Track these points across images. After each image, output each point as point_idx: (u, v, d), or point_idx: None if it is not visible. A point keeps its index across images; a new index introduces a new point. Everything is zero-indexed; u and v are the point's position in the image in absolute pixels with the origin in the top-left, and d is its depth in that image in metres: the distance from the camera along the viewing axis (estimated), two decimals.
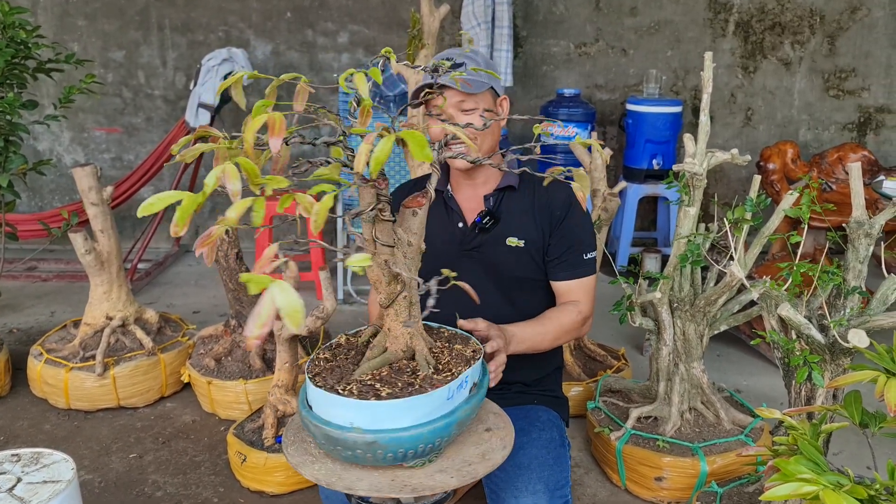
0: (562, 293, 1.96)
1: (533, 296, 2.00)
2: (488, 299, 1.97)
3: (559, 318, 1.90)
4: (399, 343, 1.50)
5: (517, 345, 1.78)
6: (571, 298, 1.94)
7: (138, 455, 2.67)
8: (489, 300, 1.98)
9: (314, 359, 1.52)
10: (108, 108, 4.98)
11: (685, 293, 2.39)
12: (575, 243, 1.94)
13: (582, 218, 1.98)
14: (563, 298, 1.96)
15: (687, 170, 2.28)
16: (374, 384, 1.37)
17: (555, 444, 1.90)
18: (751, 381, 3.22)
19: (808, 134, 4.87)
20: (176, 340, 3.13)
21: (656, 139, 4.45)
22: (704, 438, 2.41)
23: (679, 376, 2.44)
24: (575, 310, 1.92)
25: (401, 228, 1.45)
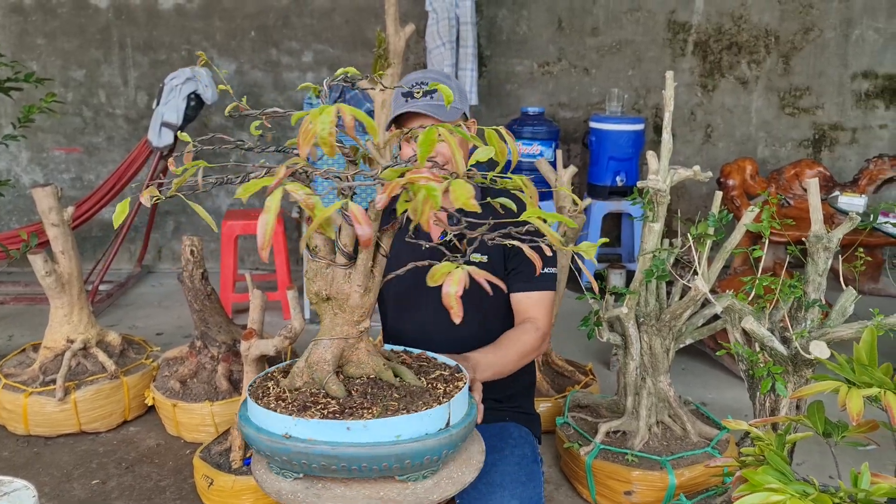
0: (519, 308, 1.97)
1: (498, 312, 2.01)
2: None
3: (519, 338, 1.91)
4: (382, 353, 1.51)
5: (482, 372, 1.78)
6: (529, 315, 1.96)
7: (101, 481, 2.61)
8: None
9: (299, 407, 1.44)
10: (68, 127, 4.90)
11: (651, 308, 2.43)
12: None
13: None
14: (521, 315, 1.97)
15: (651, 186, 2.32)
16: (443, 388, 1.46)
17: (528, 461, 1.91)
18: (715, 394, 3.27)
19: (766, 150, 4.99)
20: (140, 363, 3.07)
21: (619, 156, 4.52)
22: (672, 451, 2.43)
23: (646, 390, 2.47)
24: (532, 328, 1.93)
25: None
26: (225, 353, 2.94)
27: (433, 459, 1.36)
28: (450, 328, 1.88)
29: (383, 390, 1.42)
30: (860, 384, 1.35)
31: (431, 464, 1.38)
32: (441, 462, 1.41)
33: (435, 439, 1.34)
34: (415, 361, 1.60)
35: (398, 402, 1.38)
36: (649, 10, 4.80)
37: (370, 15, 4.75)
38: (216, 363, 2.92)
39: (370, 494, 1.35)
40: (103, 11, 4.77)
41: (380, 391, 1.42)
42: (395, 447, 1.30)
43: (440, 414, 1.37)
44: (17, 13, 4.76)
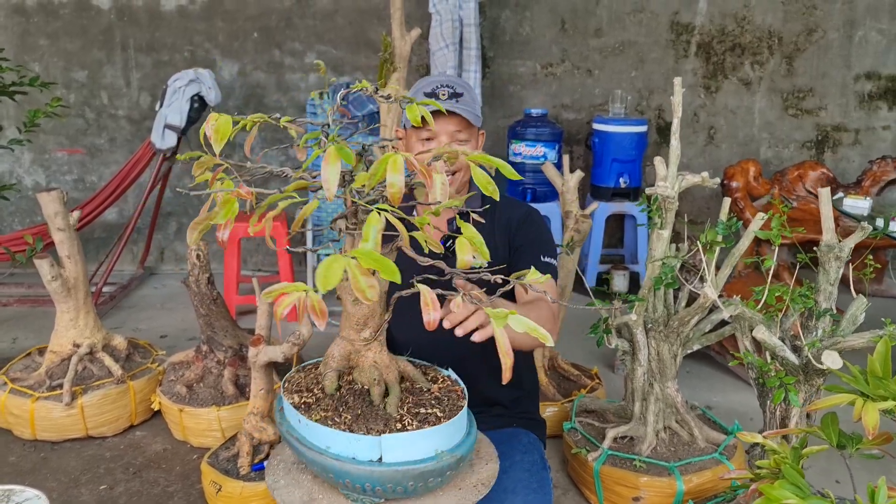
0: (522, 294, 1.96)
1: None
2: None
3: (535, 305, 1.82)
4: (392, 370, 1.50)
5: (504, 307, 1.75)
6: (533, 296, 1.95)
7: (108, 487, 2.61)
8: None
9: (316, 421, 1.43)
10: (71, 128, 4.89)
11: (659, 314, 2.43)
12: (531, 248, 1.98)
13: (539, 225, 2.04)
14: (524, 296, 1.94)
15: (659, 193, 2.32)
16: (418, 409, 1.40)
17: (538, 468, 1.91)
18: (721, 398, 3.28)
19: (769, 152, 4.99)
20: (146, 367, 3.07)
21: (622, 158, 4.52)
22: (680, 457, 2.44)
23: (654, 396, 2.47)
24: (544, 303, 1.83)
25: None
26: (231, 357, 2.93)
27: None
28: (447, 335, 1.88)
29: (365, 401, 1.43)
30: (875, 397, 1.35)
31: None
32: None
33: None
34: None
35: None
36: (652, 11, 4.80)
37: (373, 17, 4.75)
38: (222, 368, 2.92)
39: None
40: (105, 13, 4.76)
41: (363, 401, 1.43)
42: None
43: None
44: (19, 14, 4.75)
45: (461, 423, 1.38)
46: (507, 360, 1.06)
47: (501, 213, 2.01)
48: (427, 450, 1.32)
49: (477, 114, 1.93)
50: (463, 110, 1.88)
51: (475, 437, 1.42)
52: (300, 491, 1.48)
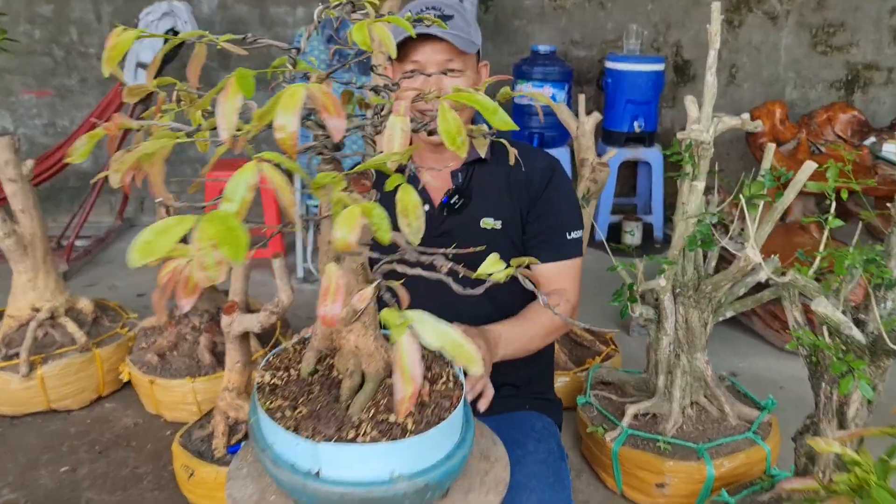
0: (543, 280, 1.68)
1: (515, 287, 1.72)
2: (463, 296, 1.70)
3: (540, 313, 1.63)
4: (377, 360, 1.21)
5: (504, 348, 1.50)
6: (555, 286, 1.67)
7: (71, 468, 2.35)
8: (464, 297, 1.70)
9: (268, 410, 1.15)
10: (37, 68, 4.50)
11: (688, 277, 2.12)
12: (557, 220, 1.67)
13: (565, 190, 1.71)
14: (546, 286, 1.68)
15: (693, 138, 1.99)
16: (388, 417, 1.08)
17: (554, 458, 1.64)
18: (746, 363, 3.00)
19: (795, 92, 4.62)
20: (115, 332, 2.78)
21: (637, 99, 4.16)
22: (709, 437, 2.16)
23: (680, 369, 2.19)
24: (561, 300, 1.65)
25: None
26: (208, 322, 2.65)
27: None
28: (454, 309, 1.61)
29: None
30: None
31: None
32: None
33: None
34: None
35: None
36: None
37: None
38: (198, 334, 2.63)
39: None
40: None
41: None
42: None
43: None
44: None
45: (434, 443, 1.07)
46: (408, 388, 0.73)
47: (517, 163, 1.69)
48: (379, 470, 1.02)
49: (472, 39, 1.57)
50: (451, 35, 1.52)
51: (460, 462, 1.11)
52: (254, 487, 1.20)
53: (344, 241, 0.75)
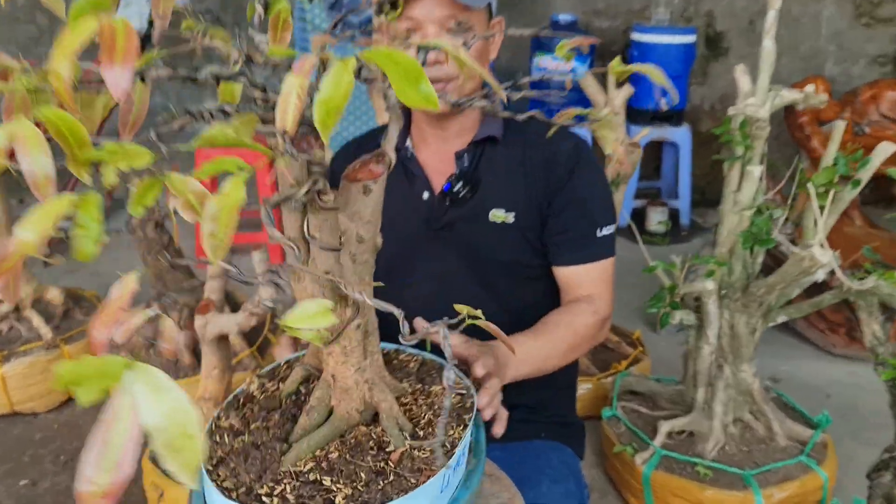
0: (568, 284, 1.39)
1: (529, 291, 1.43)
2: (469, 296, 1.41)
3: (570, 323, 1.33)
4: (352, 399, 0.93)
5: (517, 368, 1.21)
6: (583, 292, 1.37)
7: (31, 482, 2.09)
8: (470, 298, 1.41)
9: (213, 429, 0.94)
10: (21, 36, 4.21)
11: (735, 277, 1.83)
12: (585, 213, 1.37)
13: (595, 177, 1.42)
14: (572, 292, 1.39)
15: (749, 114, 1.68)
16: (321, 478, 0.83)
17: (573, 501, 1.36)
18: (790, 367, 2.70)
19: (836, 68, 4.27)
20: (87, 327, 2.51)
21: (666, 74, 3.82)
22: (756, 462, 1.88)
23: (723, 381, 1.90)
24: (589, 309, 1.35)
25: (344, 215, 0.86)
26: (188, 318, 2.37)
27: None
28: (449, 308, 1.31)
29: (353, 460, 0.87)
30: None
31: None
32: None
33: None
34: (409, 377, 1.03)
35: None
36: None
37: None
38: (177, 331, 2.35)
39: None
40: None
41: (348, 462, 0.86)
42: None
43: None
44: None
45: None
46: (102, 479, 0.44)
47: (535, 142, 1.39)
48: None
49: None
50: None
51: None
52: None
53: (24, 244, 0.52)
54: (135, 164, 0.62)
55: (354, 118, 3.46)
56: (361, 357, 0.91)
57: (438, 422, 0.89)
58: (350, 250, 0.85)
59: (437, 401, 0.93)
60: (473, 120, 1.40)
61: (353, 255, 0.86)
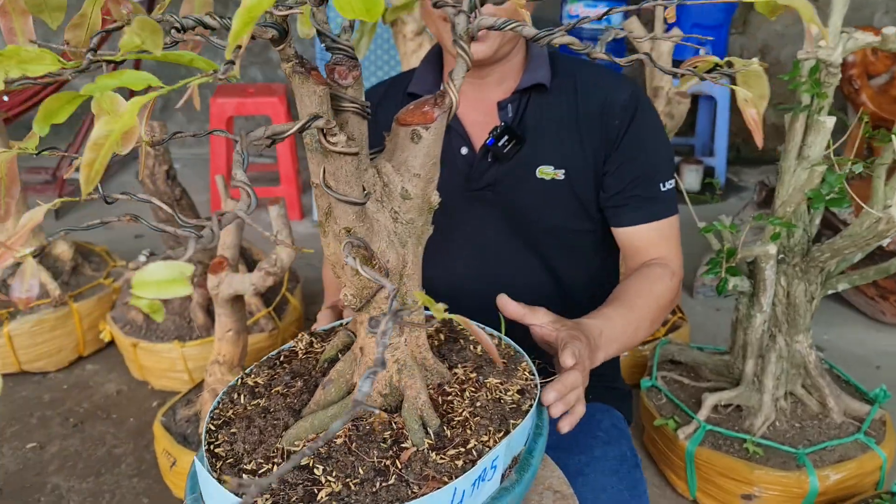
0: (635, 246, 1.26)
1: (580, 258, 1.30)
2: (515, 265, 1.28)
3: (651, 291, 1.19)
4: (378, 379, 0.80)
5: (606, 349, 1.07)
6: (652, 255, 1.23)
7: (39, 445, 2.00)
8: (517, 267, 1.28)
9: (236, 384, 0.85)
10: None
11: (796, 241, 1.67)
12: (647, 168, 1.23)
13: (655, 129, 1.28)
14: (639, 255, 1.25)
15: (822, 58, 1.50)
16: (313, 465, 0.71)
17: (628, 467, 1.25)
18: (833, 335, 2.54)
19: (886, 18, 4.02)
20: (97, 283, 2.40)
21: (705, 23, 3.60)
22: (809, 439, 1.74)
23: (776, 353, 1.76)
24: (666, 273, 1.22)
25: (391, 165, 0.72)
26: (201, 276, 2.25)
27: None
28: (495, 278, 1.25)
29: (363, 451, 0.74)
30: None
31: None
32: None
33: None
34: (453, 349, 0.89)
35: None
36: None
37: None
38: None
39: None
40: None
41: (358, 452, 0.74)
42: None
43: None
44: None
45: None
46: None
47: (589, 91, 1.24)
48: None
49: None
50: None
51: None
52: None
53: None
54: (30, 69, 0.48)
55: (376, 68, 3.28)
56: (395, 333, 0.78)
57: None
58: (392, 206, 0.71)
59: (486, 395, 0.78)
60: (517, 65, 1.24)
61: (395, 213, 0.71)
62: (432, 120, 0.67)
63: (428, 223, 0.76)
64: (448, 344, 0.85)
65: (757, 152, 4.33)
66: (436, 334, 0.86)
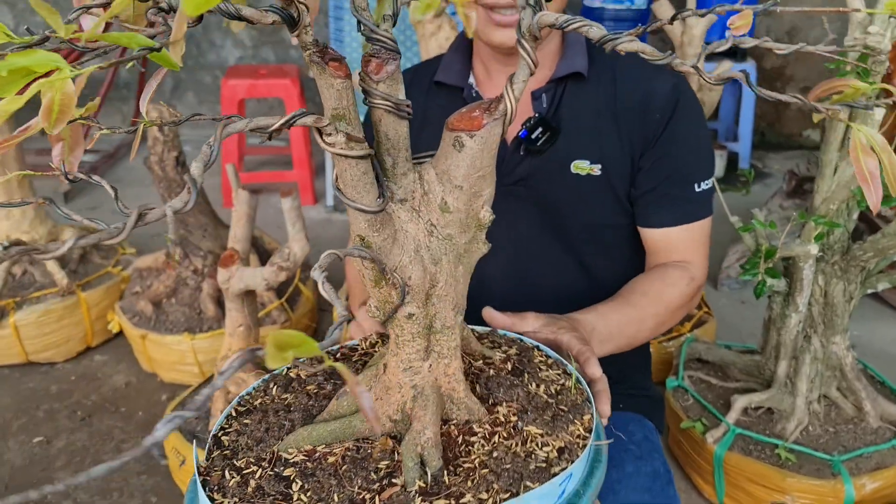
0: (658, 248, 1.19)
1: (616, 253, 1.22)
2: (547, 264, 1.21)
3: (660, 293, 1.12)
4: (389, 400, 0.73)
5: (599, 346, 1.01)
6: (676, 257, 1.16)
7: (45, 439, 1.95)
8: (549, 265, 1.21)
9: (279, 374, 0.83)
10: None
11: (835, 239, 1.58)
12: (682, 167, 1.15)
13: (697, 124, 1.20)
14: (661, 256, 1.18)
15: (871, 44, 1.41)
16: (293, 479, 0.66)
17: (661, 483, 1.19)
18: (864, 331, 2.45)
19: None
20: (106, 272, 2.34)
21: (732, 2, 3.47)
22: (844, 445, 1.67)
23: (810, 354, 1.67)
24: (683, 278, 1.14)
25: (434, 171, 0.64)
26: (212, 266, 2.19)
27: None
28: (525, 278, 1.20)
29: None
30: None
31: None
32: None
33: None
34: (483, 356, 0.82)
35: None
36: None
37: None
38: (200, 279, 2.18)
39: None
40: None
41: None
42: None
43: None
44: None
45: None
46: None
47: (629, 81, 1.16)
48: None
49: None
50: None
51: None
52: None
53: None
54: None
55: None
56: (418, 356, 0.70)
57: None
58: (430, 218, 0.64)
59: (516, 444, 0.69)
60: (552, 52, 1.16)
61: (432, 226, 0.64)
62: (479, 127, 0.59)
63: (478, 241, 0.68)
64: (508, 376, 0.75)
65: (782, 137, 4.21)
66: (503, 364, 0.77)
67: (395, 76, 0.62)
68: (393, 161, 0.65)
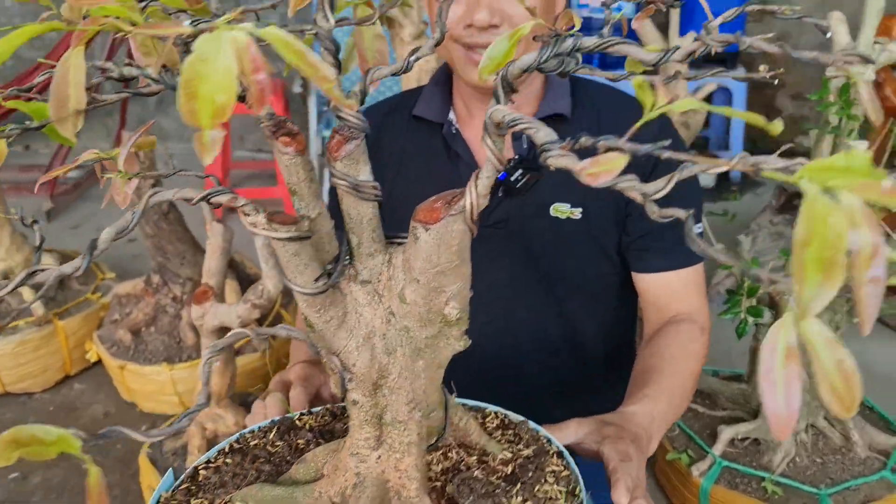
0: (659, 295, 1.14)
1: (598, 304, 1.18)
2: (526, 312, 1.16)
3: (685, 351, 1.06)
4: (336, 480, 0.71)
5: (660, 432, 0.94)
6: (677, 307, 1.12)
7: (22, 475, 1.91)
8: (528, 314, 1.16)
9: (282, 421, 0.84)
10: None
11: None
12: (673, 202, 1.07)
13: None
14: (664, 305, 1.13)
15: (855, 73, 1.38)
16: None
17: None
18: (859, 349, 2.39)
19: None
20: (85, 298, 2.31)
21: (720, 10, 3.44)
22: (832, 478, 1.64)
23: None
24: (695, 330, 1.09)
25: (402, 257, 0.62)
26: (191, 293, 2.15)
27: None
28: (505, 326, 1.15)
29: None
30: None
31: None
32: None
33: None
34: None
35: None
36: None
37: None
38: (179, 307, 2.14)
39: None
40: None
41: None
42: None
43: None
44: None
45: None
46: None
47: (613, 123, 1.12)
48: None
49: None
50: None
51: None
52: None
53: None
54: None
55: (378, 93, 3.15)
56: (366, 444, 0.67)
57: None
58: (390, 306, 0.61)
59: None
60: (534, 92, 1.13)
61: (391, 315, 0.61)
62: (436, 220, 0.55)
63: (447, 337, 0.63)
64: (496, 481, 0.67)
65: (774, 144, 4.18)
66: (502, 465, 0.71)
67: (356, 156, 0.59)
68: (358, 240, 0.62)
